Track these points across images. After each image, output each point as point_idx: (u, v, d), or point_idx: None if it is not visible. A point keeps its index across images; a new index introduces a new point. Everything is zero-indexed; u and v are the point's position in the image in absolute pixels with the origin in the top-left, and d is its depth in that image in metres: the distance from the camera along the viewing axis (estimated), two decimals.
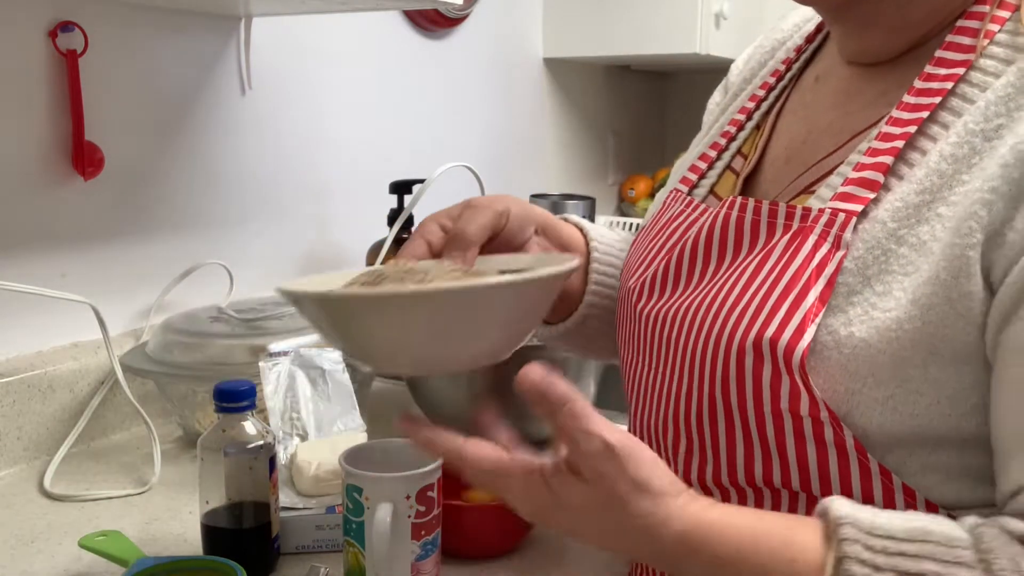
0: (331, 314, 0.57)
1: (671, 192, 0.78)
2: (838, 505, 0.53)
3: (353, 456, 0.77)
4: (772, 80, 0.77)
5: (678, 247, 0.70)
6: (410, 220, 1.37)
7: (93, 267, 1.14)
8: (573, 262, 0.60)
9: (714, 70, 2.53)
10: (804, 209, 0.61)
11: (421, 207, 1.33)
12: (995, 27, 0.60)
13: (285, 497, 0.85)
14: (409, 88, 1.65)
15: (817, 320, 0.57)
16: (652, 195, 2.25)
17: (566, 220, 0.84)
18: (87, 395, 1.09)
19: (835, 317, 0.57)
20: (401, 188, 1.39)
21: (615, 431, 0.53)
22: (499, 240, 0.73)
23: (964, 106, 0.58)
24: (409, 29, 1.64)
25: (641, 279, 0.73)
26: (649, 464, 0.54)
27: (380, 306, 0.54)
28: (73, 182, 1.09)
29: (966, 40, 0.60)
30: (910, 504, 0.57)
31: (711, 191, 0.75)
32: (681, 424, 0.65)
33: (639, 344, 0.72)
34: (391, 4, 1.25)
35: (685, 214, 0.73)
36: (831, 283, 0.58)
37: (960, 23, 0.61)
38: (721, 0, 1.94)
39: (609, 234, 0.86)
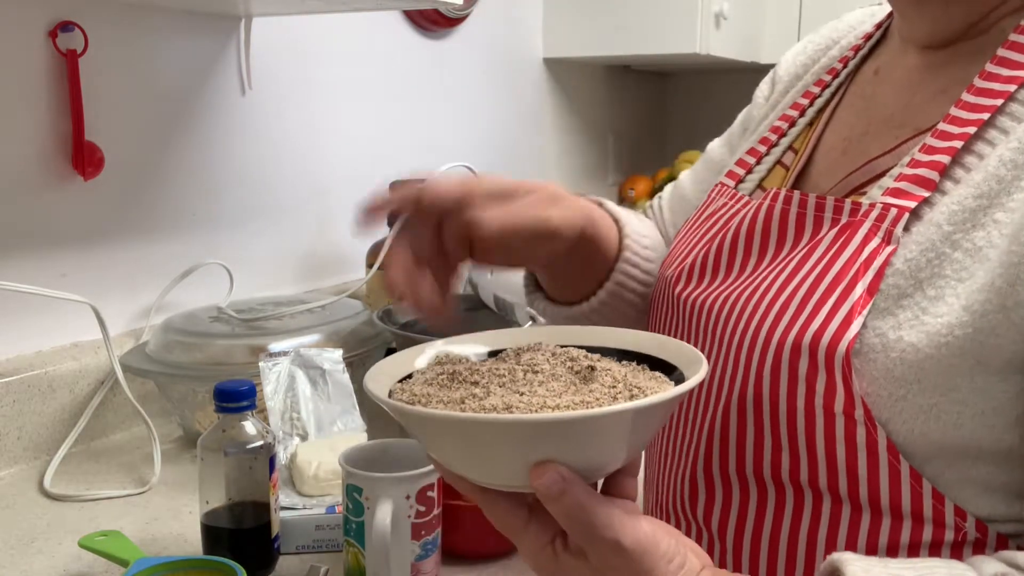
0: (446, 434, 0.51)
1: (716, 186, 0.77)
2: (852, 570, 0.51)
3: (353, 456, 0.77)
4: (828, 78, 0.75)
5: (719, 236, 0.69)
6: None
7: (93, 267, 1.14)
8: (701, 372, 0.53)
9: (714, 70, 2.55)
10: (854, 203, 0.60)
11: None
12: None
13: (285, 497, 0.86)
14: (409, 88, 1.65)
15: (864, 313, 0.56)
16: (652, 195, 2.25)
17: (601, 206, 0.79)
18: (87, 395, 1.09)
19: (884, 320, 0.56)
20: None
21: (629, 529, 0.50)
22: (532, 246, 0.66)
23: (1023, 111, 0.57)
24: (409, 29, 1.64)
25: (680, 266, 0.72)
26: (662, 560, 0.51)
27: (503, 431, 0.48)
28: (73, 182, 1.09)
29: None
30: (938, 510, 0.56)
31: (759, 185, 0.73)
32: (711, 412, 0.64)
33: (674, 331, 0.71)
34: (391, 4, 1.25)
35: (728, 206, 0.72)
36: (880, 275, 0.56)
37: None
38: (721, 0, 1.94)
39: (641, 228, 0.81)
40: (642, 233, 0.80)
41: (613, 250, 0.77)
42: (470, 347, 0.62)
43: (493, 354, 0.61)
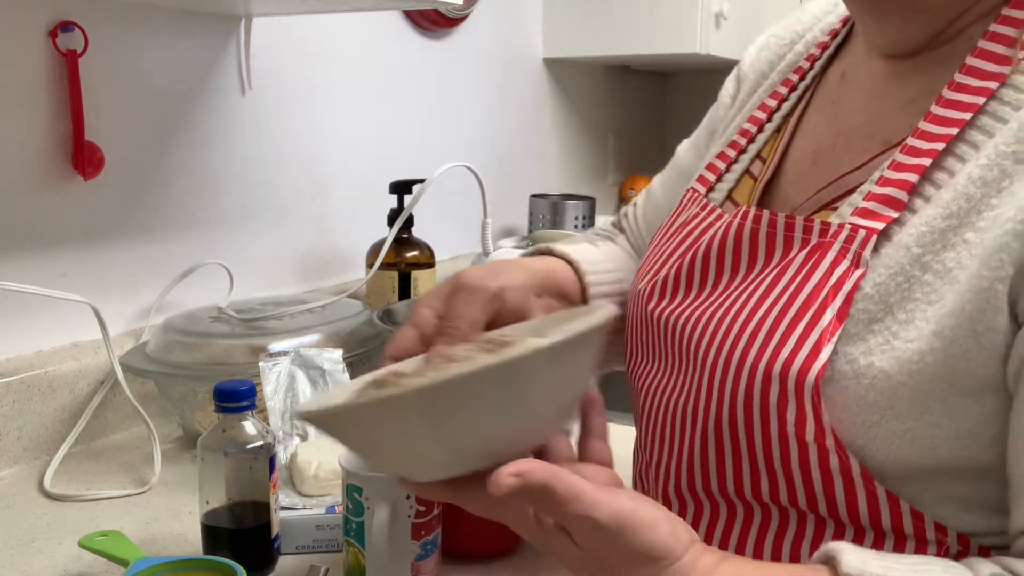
0: (354, 426, 0.50)
1: (688, 191, 0.76)
2: (848, 560, 0.51)
3: (353, 456, 0.77)
4: (795, 78, 0.74)
5: (691, 251, 0.69)
6: (410, 220, 1.37)
7: (93, 267, 1.14)
8: (605, 309, 0.55)
9: (714, 70, 2.54)
10: (823, 224, 0.60)
11: (421, 207, 1.33)
12: None
13: (285, 497, 0.86)
14: (409, 88, 1.65)
15: (833, 340, 0.55)
16: None
17: (552, 253, 0.79)
18: (87, 395, 1.09)
19: (854, 345, 0.55)
20: (401, 188, 1.39)
21: (606, 505, 0.49)
22: (499, 321, 0.65)
23: (995, 125, 0.56)
24: (409, 29, 1.64)
25: (653, 280, 0.72)
26: (648, 530, 0.50)
27: (410, 405, 0.46)
28: (73, 182, 1.09)
29: (999, 49, 0.57)
30: (919, 527, 0.56)
31: (729, 196, 0.73)
32: (689, 432, 0.64)
33: (649, 347, 0.71)
34: (391, 4, 1.25)
35: (700, 217, 0.71)
36: (849, 300, 0.56)
37: (993, 28, 0.58)
38: (721, 0, 1.94)
39: (597, 256, 0.81)
40: (599, 262, 0.80)
41: (576, 295, 0.77)
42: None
43: None
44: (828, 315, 0.56)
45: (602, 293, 0.79)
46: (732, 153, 0.75)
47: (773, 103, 0.74)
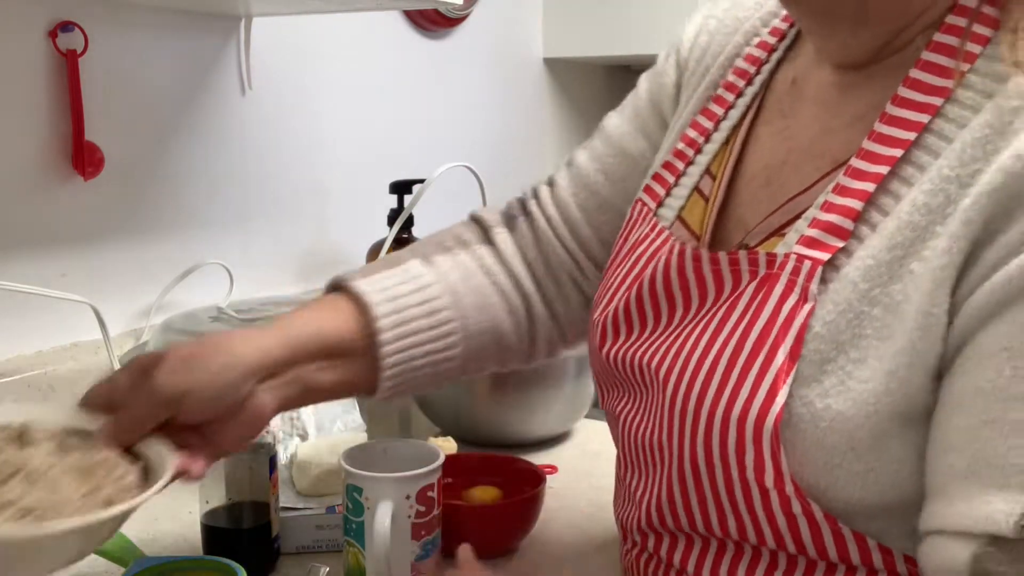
0: None
1: (637, 204, 0.73)
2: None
3: (353, 456, 0.77)
4: (741, 83, 0.70)
5: (639, 281, 0.67)
6: (410, 220, 1.37)
7: (93, 267, 1.14)
8: (127, 505, 0.53)
9: None
10: (768, 255, 0.58)
11: (421, 207, 1.33)
12: (975, 47, 0.55)
13: (285, 497, 0.86)
14: (409, 88, 1.65)
15: (788, 382, 0.54)
16: None
17: (344, 285, 0.70)
18: None
19: (810, 387, 0.54)
20: (401, 188, 1.39)
21: None
22: (181, 421, 0.61)
23: (940, 145, 0.54)
24: (409, 29, 1.64)
25: (605, 313, 0.70)
26: None
27: None
28: (73, 182, 1.09)
29: (943, 60, 0.56)
30: (888, 561, 0.56)
31: (679, 215, 0.69)
32: (660, 471, 0.63)
33: (615, 388, 0.70)
34: (391, 4, 1.25)
35: (650, 239, 0.69)
36: (800, 339, 0.54)
37: (937, 37, 0.56)
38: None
39: (418, 284, 0.71)
40: (412, 296, 0.70)
41: (362, 348, 0.68)
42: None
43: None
44: (781, 355, 0.55)
45: (405, 347, 0.69)
46: (680, 164, 0.71)
47: (719, 110, 0.70)
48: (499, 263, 0.79)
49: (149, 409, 0.61)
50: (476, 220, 0.83)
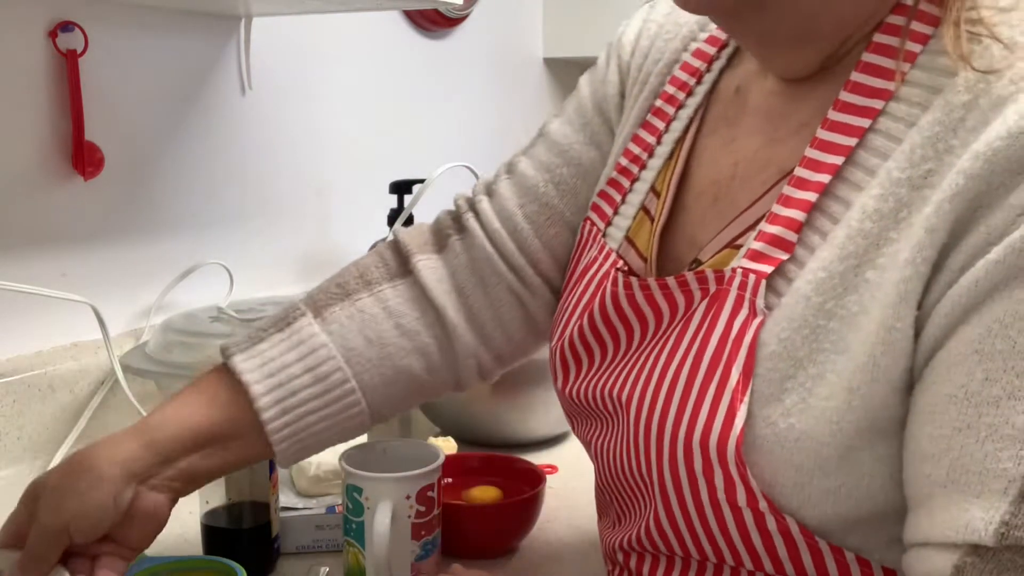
0: None
1: (586, 223, 0.72)
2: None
3: (353, 456, 0.77)
4: (681, 95, 0.68)
5: (588, 311, 0.66)
6: (410, 220, 1.37)
7: (93, 267, 1.14)
8: None
9: None
10: (717, 272, 0.57)
11: (421, 207, 1.33)
12: (916, 47, 0.53)
13: (285, 497, 0.86)
14: (409, 88, 1.65)
15: (746, 400, 0.53)
16: None
17: (227, 362, 0.70)
18: (87, 395, 1.08)
19: (771, 407, 0.53)
20: (401, 188, 1.39)
21: None
22: (79, 543, 0.64)
23: (889, 146, 0.52)
24: (409, 29, 1.64)
25: (559, 344, 0.68)
26: None
27: None
28: (73, 182, 1.09)
29: (884, 61, 0.54)
30: (867, 573, 0.55)
31: (627, 236, 0.68)
32: (642, 495, 0.62)
33: (582, 421, 0.69)
34: (391, 4, 1.25)
35: (599, 263, 0.68)
36: (751, 354, 0.53)
37: (876, 38, 0.55)
38: None
39: (285, 360, 0.69)
40: (297, 367, 0.69)
41: (247, 431, 0.68)
42: None
43: None
44: (735, 373, 0.54)
45: (295, 419, 0.69)
46: (625, 182, 0.69)
47: (660, 124, 0.68)
48: (409, 301, 0.74)
49: (45, 548, 0.63)
50: (396, 246, 0.77)
